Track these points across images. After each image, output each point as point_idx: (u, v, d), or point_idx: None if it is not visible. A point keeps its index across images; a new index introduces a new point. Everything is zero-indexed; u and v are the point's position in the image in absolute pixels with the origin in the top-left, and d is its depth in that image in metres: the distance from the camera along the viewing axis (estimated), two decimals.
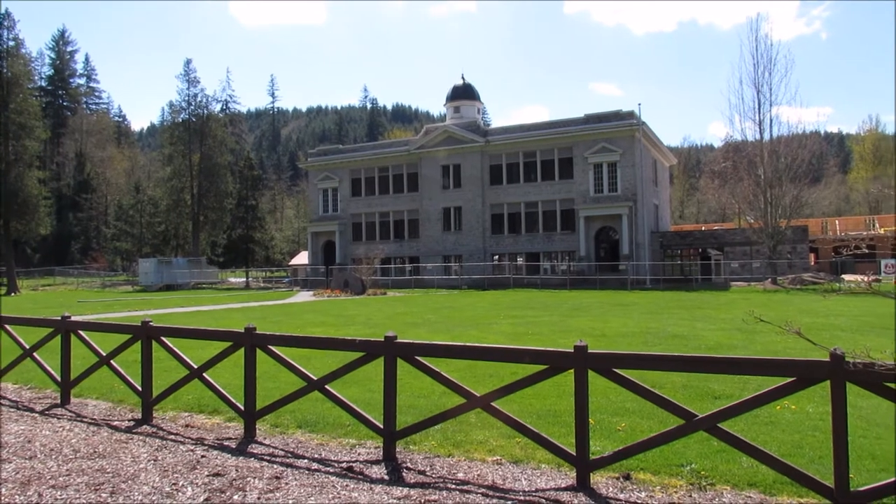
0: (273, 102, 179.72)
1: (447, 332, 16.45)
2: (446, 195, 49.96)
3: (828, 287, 30.78)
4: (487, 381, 8.79)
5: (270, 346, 6.93)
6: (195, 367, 7.45)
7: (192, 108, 72.71)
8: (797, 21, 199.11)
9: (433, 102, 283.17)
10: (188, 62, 75.56)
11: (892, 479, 4.43)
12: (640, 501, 4.89)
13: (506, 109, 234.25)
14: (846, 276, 37.19)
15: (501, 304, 27.29)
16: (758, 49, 41.79)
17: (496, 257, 48.15)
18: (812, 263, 46.43)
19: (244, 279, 61.77)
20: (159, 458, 6.20)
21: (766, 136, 41.29)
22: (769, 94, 41.16)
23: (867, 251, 42.57)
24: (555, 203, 46.13)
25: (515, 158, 47.77)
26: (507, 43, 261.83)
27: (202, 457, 6.19)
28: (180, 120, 73.24)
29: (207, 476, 5.61)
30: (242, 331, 7.00)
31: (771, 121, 42.01)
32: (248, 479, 5.53)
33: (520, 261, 47.07)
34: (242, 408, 6.99)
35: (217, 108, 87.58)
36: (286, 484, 5.39)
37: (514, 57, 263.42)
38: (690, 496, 4.96)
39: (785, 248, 41.10)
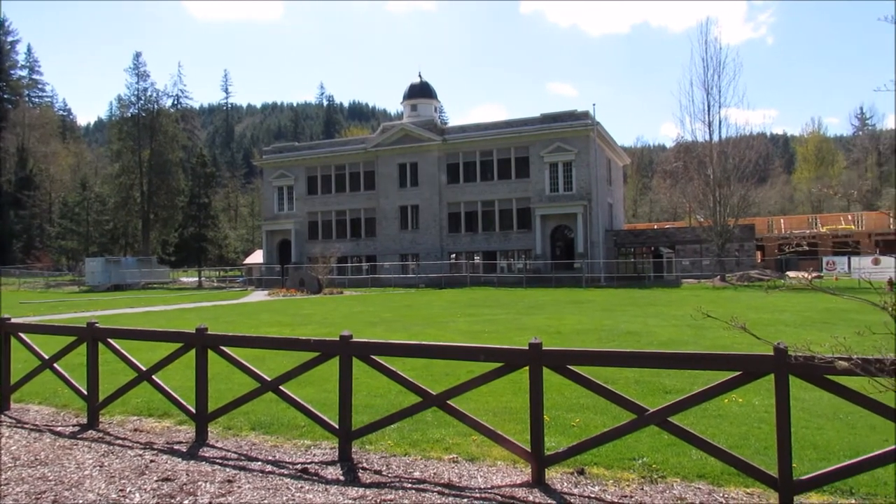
0: (227, 98, 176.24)
1: (404, 330, 16.42)
2: (403, 194, 49.83)
3: (770, 284, 31.85)
4: (444, 380, 8.80)
5: (222, 347, 6.79)
6: (144, 369, 7.25)
7: (142, 102, 70.85)
8: (745, 25, 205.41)
9: (390, 100, 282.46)
10: (137, 55, 73.26)
11: (832, 468, 4.60)
12: (593, 496, 4.96)
13: (463, 108, 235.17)
14: (790, 273, 38.53)
15: (458, 302, 27.37)
16: (707, 52, 43.04)
17: (453, 256, 48.26)
18: (758, 261, 47.96)
19: (197, 279, 60.41)
20: (105, 463, 6.01)
21: (716, 137, 42.55)
22: (718, 96, 42.46)
23: (808, 249, 44.18)
24: (511, 202, 46.51)
25: (472, 157, 47.96)
26: (464, 42, 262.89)
27: (151, 461, 6.03)
28: (129, 115, 71.24)
29: (156, 481, 5.46)
30: (193, 331, 6.83)
31: (720, 122, 43.37)
32: (200, 483, 5.40)
33: (477, 259, 47.29)
34: (194, 410, 6.83)
35: (168, 103, 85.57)
36: (239, 487, 5.28)
37: (471, 56, 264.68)
38: (642, 489, 5.06)
39: (733, 246, 42.35)
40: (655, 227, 58.91)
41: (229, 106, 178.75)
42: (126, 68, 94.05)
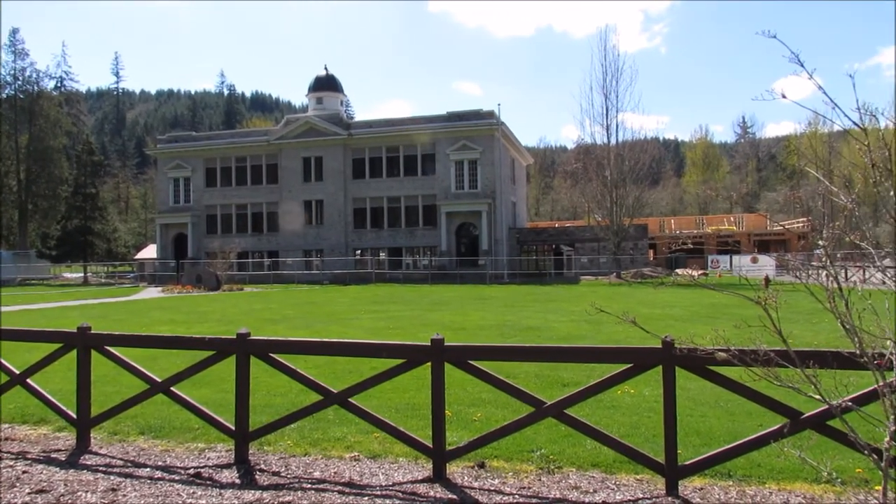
0: (118, 82, 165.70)
1: (307, 328, 16.10)
2: (307, 188, 48.83)
3: (656, 281, 33.72)
4: (347, 377, 8.68)
5: (107, 347, 6.36)
6: (17, 372, 6.68)
7: (20, 83, 65.41)
8: (641, 35, 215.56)
9: (295, 93, 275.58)
10: (14, 32, 67.58)
11: (713, 453, 4.91)
12: (493, 488, 5.04)
13: (369, 104, 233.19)
14: (679, 271, 40.93)
15: (363, 299, 27.15)
16: (606, 58, 44.88)
17: (358, 252, 47.82)
18: (651, 259, 50.62)
19: (82, 274, 56.59)
20: None
21: (613, 141, 44.44)
22: (616, 100, 44.34)
23: (694, 247, 47.19)
24: (417, 198, 46.62)
25: (378, 153, 47.67)
26: (371, 37, 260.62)
27: (24, 472, 5.56)
28: (5, 96, 65.54)
29: (29, 493, 5.04)
30: (75, 330, 6.36)
31: (617, 126, 45.26)
32: (79, 493, 5.04)
33: (382, 256, 47.11)
34: (74, 415, 6.37)
35: (50, 85, 79.50)
36: (124, 496, 4.97)
37: (378, 52, 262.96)
38: (540, 480, 5.19)
39: (628, 245, 44.47)
40: (556, 225, 60.90)
41: (120, 91, 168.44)
42: (1, 45, 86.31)
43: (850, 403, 3.70)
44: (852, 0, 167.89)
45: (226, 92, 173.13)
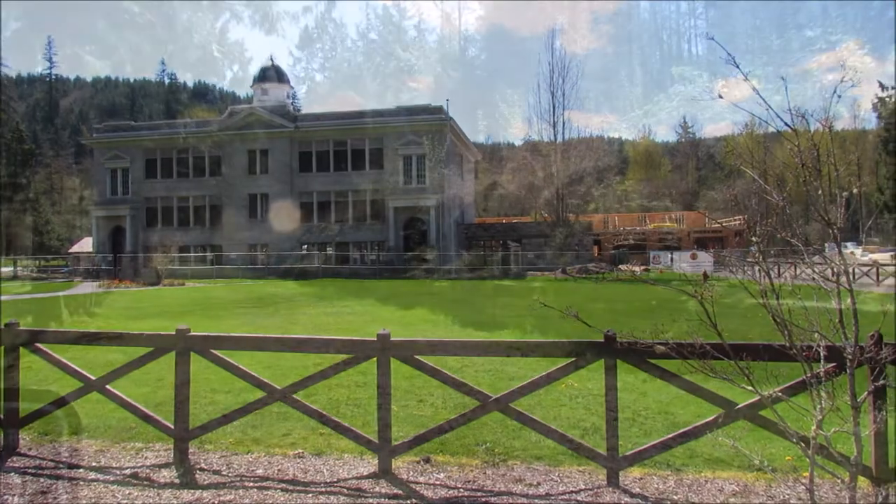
0: (51, 68, 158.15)
1: (251, 324, 15.79)
2: (252, 181, 47.80)
3: (599, 276, 34.49)
4: (292, 374, 8.55)
5: (38, 345, 6.09)
6: None
7: None
8: (589, 35, 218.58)
9: (240, 84, 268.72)
10: None
11: (652, 444, 5.05)
12: (438, 482, 5.06)
13: (317, 96, 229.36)
14: (622, 267, 41.89)
15: (309, 294, 26.82)
16: (553, 56, 45.77)
17: (305, 246, 47.12)
18: (595, 255, 51.64)
19: (11, 268, 53.99)
20: None
21: (560, 138, 45.15)
22: (563, 98, 45.09)
23: (636, 244, 48.43)
24: (365, 193, 46.22)
25: (326, 146, 47.05)
26: (320, 29, 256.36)
27: None
28: None
29: None
30: (2, 327, 6.06)
31: (564, 123, 46.00)
32: (6, 497, 4.81)
33: (329, 250, 46.56)
34: (1, 416, 6.07)
35: None
36: (55, 499, 4.77)
37: (327, 44, 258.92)
38: (485, 473, 5.24)
39: (573, 241, 45.24)
40: (504, 221, 61.44)
41: (53, 77, 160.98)
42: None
43: (780, 394, 3.86)
44: (793, 1, 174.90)
45: (167, 81, 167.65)
